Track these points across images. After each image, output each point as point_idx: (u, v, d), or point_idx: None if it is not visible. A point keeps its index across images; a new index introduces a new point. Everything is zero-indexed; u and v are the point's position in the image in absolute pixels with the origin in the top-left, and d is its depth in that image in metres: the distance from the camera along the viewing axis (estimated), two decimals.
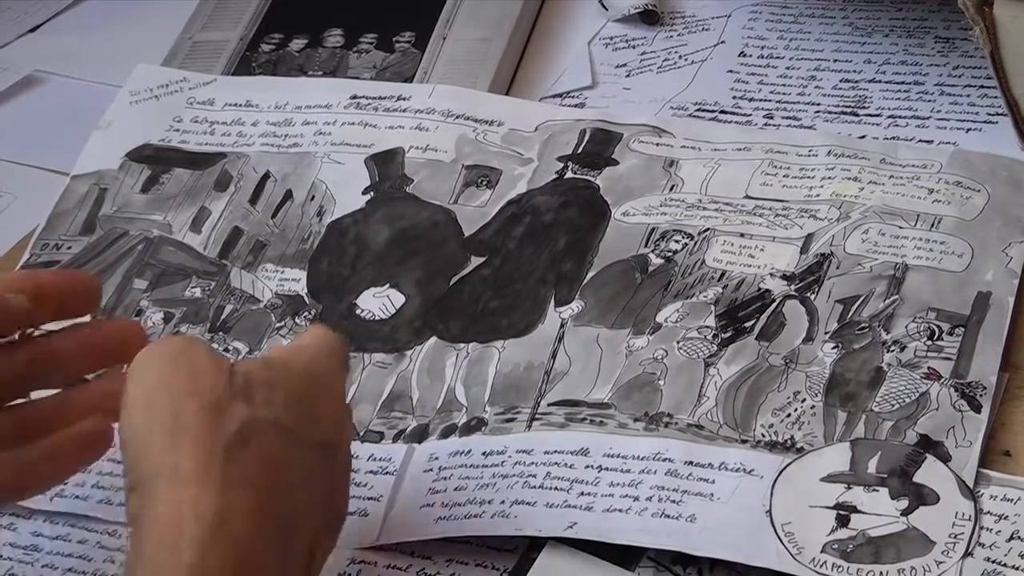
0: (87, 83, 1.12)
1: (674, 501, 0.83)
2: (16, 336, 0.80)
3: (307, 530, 0.72)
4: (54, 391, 0.81)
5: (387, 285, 0.96)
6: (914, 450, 0.83)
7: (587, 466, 0.85)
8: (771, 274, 0.93)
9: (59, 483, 0.84)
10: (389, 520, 0.85)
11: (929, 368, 0.87)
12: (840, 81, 1.05)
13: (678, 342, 0.90)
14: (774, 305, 0.91)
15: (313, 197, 1.02)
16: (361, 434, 0.89)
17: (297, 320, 0.95)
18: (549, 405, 0.88)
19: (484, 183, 1.01)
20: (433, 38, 1.11)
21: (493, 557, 0.83)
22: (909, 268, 0.91)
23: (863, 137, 1.01)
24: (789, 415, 0.86)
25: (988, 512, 0.81)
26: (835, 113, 1.03)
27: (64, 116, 1.09)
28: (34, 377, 0.81)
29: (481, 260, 0.97)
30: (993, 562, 0.79)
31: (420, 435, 0.89)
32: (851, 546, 0.80)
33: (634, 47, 1.10)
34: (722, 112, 1.04)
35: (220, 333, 0.95)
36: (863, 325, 0.89)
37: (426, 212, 1.00)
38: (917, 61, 1.05)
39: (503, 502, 0.84)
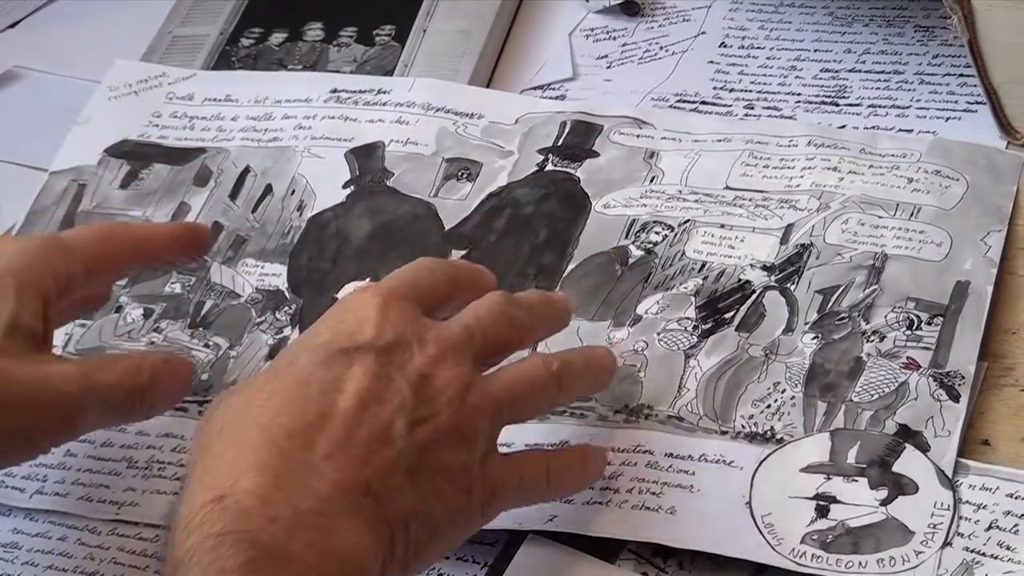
0: (66, 79, 1.11)
1: (654, 493, 0.83)
2: None
3: None
4: None
5: (368, 279, 0.96)
6: (893, 440, 0.83)
7: None
8: (751, 265, 0.93)
9: None
10: None
11: (908, 358, 0.87)
12: (820, 71, 1.05)
13: (658, 334, 0.90)
14: (754, 296, 0.91)
15: (293, 191, 1.01)
16: None
17: (277, 315, 0.95)
18: None
19: (464, 176, 1.01)
20: (413, 31, 1.11)
21: (473, 551, 0.83)
22: (888, 258, 0.91)
23: (843, 127, 1.00)
24: (769, 406, 0.86)
25: (967, 502, 0.81)
26: (815, 103, 1.03)
27: (43, 112, 1.09)
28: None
29: (462, 253, 0.97)
30: (972, 551, 0.79)
31: None
32: (831, 537, 0.80)
33: (615, 38, 1.10)
34: (703, 103, 1.04)
35: (200, 328, 0.95)
36: (843, 315, 0.89)
37: (407, 206, 1.00)
38: (897, 50, 1.05)
39: None
